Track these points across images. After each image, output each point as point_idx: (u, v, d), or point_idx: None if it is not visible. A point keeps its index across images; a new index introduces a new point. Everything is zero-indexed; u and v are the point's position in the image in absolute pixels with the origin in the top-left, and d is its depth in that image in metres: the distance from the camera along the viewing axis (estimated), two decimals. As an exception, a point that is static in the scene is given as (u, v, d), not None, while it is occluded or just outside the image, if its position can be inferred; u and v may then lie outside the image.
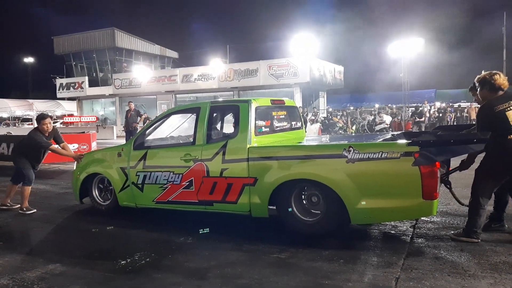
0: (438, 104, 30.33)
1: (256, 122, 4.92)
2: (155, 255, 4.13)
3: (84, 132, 14.74)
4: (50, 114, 6.34)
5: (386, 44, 26.21)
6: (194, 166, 5.04)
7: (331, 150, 4.29)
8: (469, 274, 3.38)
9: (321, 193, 4.40)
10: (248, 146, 4.72)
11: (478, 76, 4.28)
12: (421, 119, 21.07)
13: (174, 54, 39.40)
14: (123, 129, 15.63)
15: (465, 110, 26.42)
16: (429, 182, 3.80)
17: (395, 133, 5.74)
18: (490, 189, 4.11)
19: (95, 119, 30.75)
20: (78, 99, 34.29)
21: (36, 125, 6.30)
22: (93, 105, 35.00)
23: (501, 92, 4.05)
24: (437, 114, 23.72)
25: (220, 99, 5.47)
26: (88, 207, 6.32)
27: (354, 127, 23.25)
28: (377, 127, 22.28)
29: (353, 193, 4.11)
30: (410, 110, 26.70)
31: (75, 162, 6.39)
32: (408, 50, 24.12)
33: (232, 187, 4.80)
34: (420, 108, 23.60)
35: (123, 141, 23.54)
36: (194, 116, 5.41)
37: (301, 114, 6.25)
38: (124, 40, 34.29)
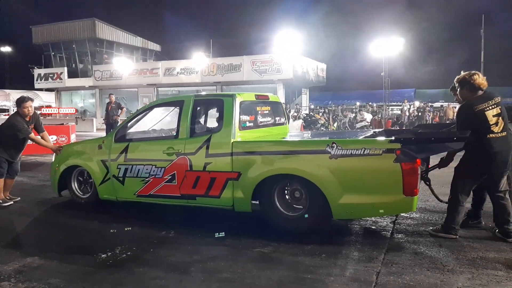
0: (417, 103, 30.90)
1: (240, 116, 4.90)
2: (136, 249, 4.08)
3: (63, 124, 14.42)
4: (31, 97, 6.04)
5: (368, 43, 26.57)
6: (177, 160, 4.99)
7: (315, 146, 4.31)
8: (448, 269, 3.46)
9: (304, 189, 4.42)
10: (232, 140, 4.70)
11: (457, 77, 4.36)
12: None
13: (156, 47, 38.87)
14: (103, 121, 15.34)
15: (443, 109, 27.02)
16: (410, 178, 3.86)
17: (377, 130, 5.81)
18: (469, 186, 4.21)
19: (74, 111, 30.08)
20: (57, 90, 33.49)
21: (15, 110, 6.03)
22: (72, 97, 34.25)
23: (480, 92, 4.14)
24: (416, 113, 24.17)
25: (203, 93, 5.41)
26: (67, 200, 6.19)
27: (335, 124, 23.47)
28: (358, 125, 22.58)
29: (336, 188, 4.14)
30: (390, 109, 27.14)
31: (54, 154, 6.24)
32: (389, 49, 24.49)
33: (215, 181, 4.78)
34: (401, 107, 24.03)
35: (103, 134, 23.12)
36: (177, 110, 5.35)
37: (285, 110, 6.26)
38: (105, 31, 33.59)
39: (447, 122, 17.54)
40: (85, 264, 3.72)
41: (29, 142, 6.14)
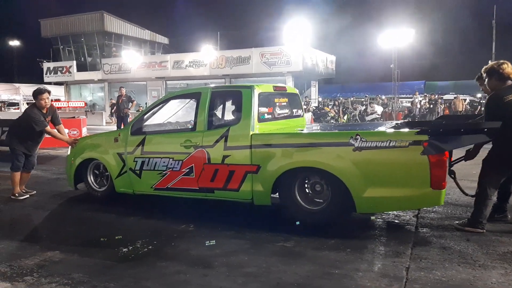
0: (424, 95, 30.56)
1: (259, 108, 4.80)
2: (157, 243, 4.02)
3: (74, 117, 14.43)
4: (48, 89, 5.99)
5: (378, 34, 26.24)
6: (194, 153, 4.91)
7: (338, 138, 4.21)
8: (479, 264, 3.36)
9: (326, 182, 4.32)
10: (251, 133, 4.61)
11: (485, 67, 4.22)
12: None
13: (164, 40, 38.74)
14: (111, 113, 15.32)
15: (451, 101, 26.68)
16: (438, 171, 3.75)
17: (399, 122, 5.68)
18: (498, 179, 4.09)
19: (84, 105, 30.17)
20: (66, 84, 33.56)
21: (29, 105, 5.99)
22: (81, 90, 34.33)
23: (510, 82, 4.00)
24: (427, 105, 23.87)
25: (212, 85, 5.30)
26: (83, 193, 6.16)
27: (345, 117, 23.30)
28: (369, 117, 22.40)
29: (360, 182, 4.04)
30: (400, 102, 26.81)
31: (69, 147, 6.20)
32: (399, 40, 24.17)
33: (234, 174, 4.70)
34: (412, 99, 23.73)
35: (112, 127, 23.20)
36: (193, 102, 5.27)
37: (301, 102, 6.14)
38: (114, 24, 33.52)
39: (466, 114, 17.08)
40: (106, 257, 3.68)
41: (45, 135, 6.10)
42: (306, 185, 4.51)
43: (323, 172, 4.24)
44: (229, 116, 5.14)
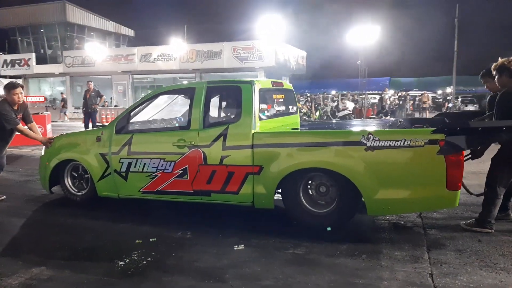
0: (391, 91, 31.32)
1: (260, 105, 4.51)
2: (155, 254, 3.66)
3: (38, 113, 13.51)
4: (21, 84, 5.41)
5: (345, 31, 26.50)
6: (189, 153, 4.56)
7: (349, 136, 4.00)
8: (500, 268, 3.26)
9: (334, 183, 4.10)
10: (252, 131, 4.32)
11: (495, 64, 4.13)
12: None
13: (130, 32, 37.47)
14: (81, 110, 14.50)
15: (417, 98, 27.50)
16: (455, 171, 3.61)
17: (400, 119, 5.56)
18: (508, 178, 4.02)
19: (43, 100, 28.57)
20: (24, 78, 31.70)
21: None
22: (40, 84, 32.60)
23: (521, 79, 3.93)
24: (397, 102, 24.41)
25: (207, 80, 4.95)
26: (59, 197, 5.65)
27: (317, 113, 23.38)
28: (340, 114, 22.57)
29: (372, 183, 3.85)
30: (370, 98, 27.27)
31: (43, 147, 5.65)
32: (365, 38, 24.52)
33: (234, 176, 4.39)
34: (382, 95, 24.19)
35: (76, 123, 22.09)
36: (186, 98, 4.91)
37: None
38: (76, 14, 31.98)
39: (464, 111, 16.90)
40: (103, 273, 3.28)
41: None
42: (312, 187, 4.27)
43: (332, 173, 4.02)
44: (227, 114, 4.82)
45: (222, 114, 4.87)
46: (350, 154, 3.92)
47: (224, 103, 4.91)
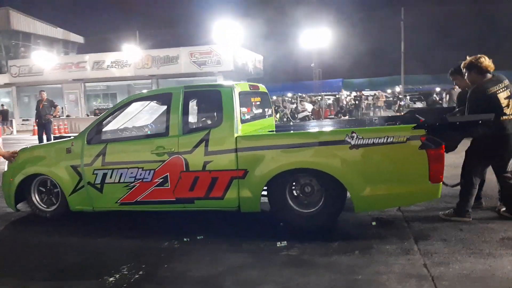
0: (346, 92, 32.34)
1: (240, 109, 4.47)
2: (146, 266, 3.50)
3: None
4: None
5: (299, 34, 27.12)
6: (169, 160, 4.42)
7: (333, 136, 4.05)
8: (486, 253, 3.42)
9: (320, 183, 4.14)
10: (235, 135, 4.26)
11: (464, 62, 4.35)
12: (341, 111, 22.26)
13: (79, 39, 35.98)
14: (34, 122, 13.70)
15: (369, 98, 28.63)
16: (437, 165, 3.75)
17: (375, 118, 5.72)
18: (482, 169, 4.25)
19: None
20: (-36, 90, 29.55)
21: None
22: (-18, 96, 30.46)
23: (489, 75, 4.17)
24: (353, 102, 25.20)
25: (182, 85, 4.84)
26: (25, 214, 5.29)
27: (278, 115, 23.61)
28: (300, 115, 22.96)
29: (358, 180, 3.92)
30: (326, 99, 27.97)
31: (6, 162, 5.26)
32: (317, 41, 25.25)
33: (218, 181, 4.31)
34: (337, 96, 24.90)
35: (25, 136, 20.83)
36: (161, 104, 4.78)
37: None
38: (21, 22, 30.25)
39: (436, 107, 16.92)
40: (93, 291, 3.09)
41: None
42: (298, 187, 4.28)
43: (318, 172, 4.05)
44: (207, 118, 4.73)
45: (202, 119, 4.78)
46: (335, 153, 3.97)
47: (203, 108, 4.82)
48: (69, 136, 5.37)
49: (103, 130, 4.82)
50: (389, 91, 46.37)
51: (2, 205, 5.60)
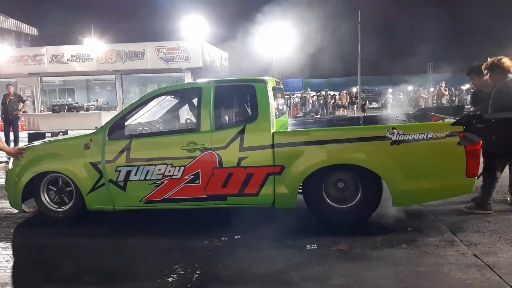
0: (313, 92, 32.98)
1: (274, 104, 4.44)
2: (200, 266, 3.39)
3: None
4: None
5: (261, 34, 27.28)
6: (201, 156, 4.30)
7: (374, 132, 4.12)
8: (524, 242, 3.64)
9: (358, 178, 4.20)
10: (272, 130, 4.23)
11: (485, 63, 4.60)
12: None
13: (33, 31, 33.86)
14: (0, 117, 12.76)
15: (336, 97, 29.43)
16: (473, 160, 3.94)
17: (396, 115, 5.88)
18: (504, 163, 4.51)
19: None
20: None
21: None
22: None
23: (510, 75, 4.43)
24: (319, 101, 25.75)
25: (212, 79, 4.71)
26: (32, 215, 4.94)
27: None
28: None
29: (398, 175, 4.03)
30: (295, 97, 28.41)
31: (11, 159, 4.88)
32: (278, 41, 25.63)
33: (253, 177, 4.26)
34: (304, 95, 25.36)
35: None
36: (189, 99, 4.64)
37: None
38: (-31, 9, 28.02)
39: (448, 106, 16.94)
40: (160, 293, 2.95)
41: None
42: (334, 183, 4.31)
43: (357, 168, 4.11)
44: (240, 114, 4.64)
45: (235, 115, 4.69)
46: (376, 149, 4.05)
47: (236, 103, 4.72)
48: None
49: (127, 124, 4.59)
50: (344, 91, 48.02)
51: (1, 206, 5.20)
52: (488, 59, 4.60)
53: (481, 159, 4.19)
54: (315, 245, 3.74)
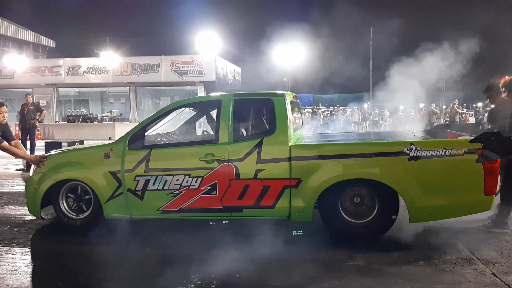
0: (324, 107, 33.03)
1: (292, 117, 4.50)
2: (216, 276, 3.41)
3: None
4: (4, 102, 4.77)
5: (274, 49, 27.63)
6: (218, 168, 4.36)
7: (392, 147, 4.14)
8: (544, 263, 3.60)
9: (375, 193, 4.21)
10: (290, 144, 4.28)
11: (504, 81, 4.62)
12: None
13: (50, 43, 34.69)
14: (18, 126, 12.99)
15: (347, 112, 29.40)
16: (492, 178, 3.93)
17: (412, 132, 5.88)
18: (523, 182, 4.48)
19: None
20: None
21: None
22: None
23: (527, 94, 4.45)
24: (330, 116, 25.77)
25: (230, 93, 4.81)
26: (48, 222, 5.02)
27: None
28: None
29: (415, 191, 4.03)
30: (306, 112, 28.50)
31: (32, 166, 4.99)
32: (290, 56, 25.91)
33: (269, 190, 4.29)
34: (315, 110, 25.43)
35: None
36: (208, 111, 4.72)
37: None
38: (-9, 21, 28.88)
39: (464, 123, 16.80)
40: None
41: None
42: (351, 197, 4.32)
43: (374, 183, 4.12)
44: (258, 127, 4.70)
45: (253, 127, 4.75)
46: (394, 164, 4.07)
47: (254, 116, 4.78)
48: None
49: (147, 135, 4.68)
50: (356, 107, 48.01)
51: (19, 213, 5.29)
52: (506, 77, 4.62)
53: (499, 177, 4.19)
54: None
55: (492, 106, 5.29)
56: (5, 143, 4.74)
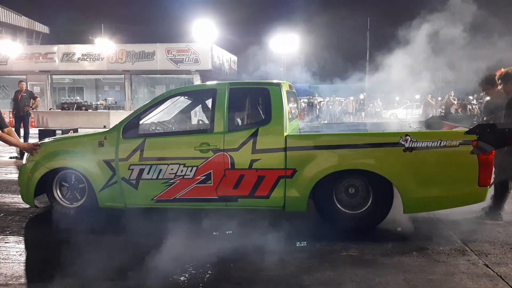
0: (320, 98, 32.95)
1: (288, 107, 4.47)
2: (211, 266, 3.41)
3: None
4: None
5: (270, 39, 27.46)
6: (213, 157, 4.34)
7: (387, 138, 4.13)
8: (536, 254, 3.63)
9: (370, 184, 4.21)
10: (285, 134, 4.26)
11: (499, 73, 4.61)
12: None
13: (44, 29, 34.20)
14: (11, 113, 12.85)
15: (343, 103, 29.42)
16: (486, 169, 3.94)
17: (409, 123, 5.88)
18: (517, 174, 4.50)
19: None
20: None
21: None
22: None
23: (525, 86, 4.44)
24: (326, 106, 25.76)
25: (225, 82, 4.77)
26: (42, 211, 4.98)
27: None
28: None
29: (410, 182, 4.03)
30: (302, 102, 28.47)
31: (25, 154, 4.94)
32: (286, 46, 25.77)
33: (264, 180, 4.28)
34: (311, 101, 25.41)
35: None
36: (203, 100, 4.67)
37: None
38: (-17, 6, 28.39)
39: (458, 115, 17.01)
40: (171, 291, 2.97)
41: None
42: (345, 188, 4.33)
43: (369, 174, 4.12)
44: (253, 116, 4.67)
45: (249, 117, 4.72)
46: (389, 155, 4.06)
47: (249, 105, 4.74)
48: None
49: (141, 124, 4.64)
50: (351, 97, 48.09)
51: (13, 201, 5.26)
52: (502, 69, 4.60)
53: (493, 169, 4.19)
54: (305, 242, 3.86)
55: (488, 98, 5.28)
56: (-2, 131, 4.68)
